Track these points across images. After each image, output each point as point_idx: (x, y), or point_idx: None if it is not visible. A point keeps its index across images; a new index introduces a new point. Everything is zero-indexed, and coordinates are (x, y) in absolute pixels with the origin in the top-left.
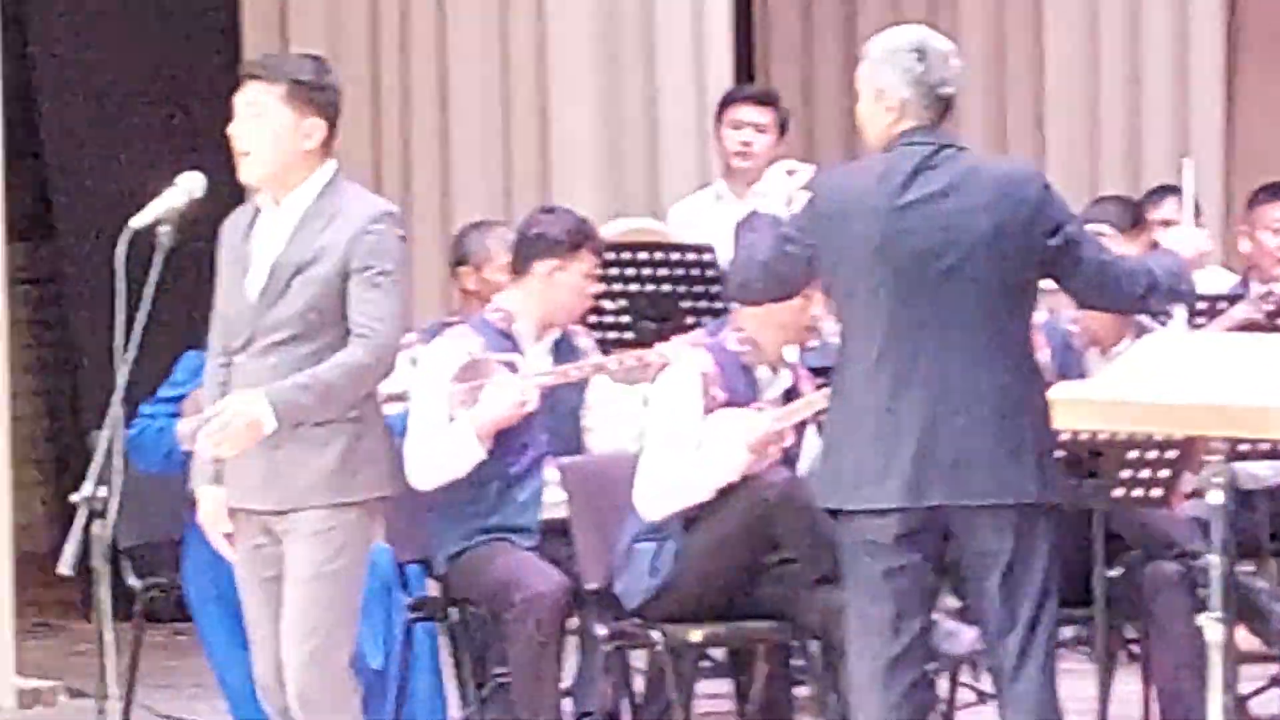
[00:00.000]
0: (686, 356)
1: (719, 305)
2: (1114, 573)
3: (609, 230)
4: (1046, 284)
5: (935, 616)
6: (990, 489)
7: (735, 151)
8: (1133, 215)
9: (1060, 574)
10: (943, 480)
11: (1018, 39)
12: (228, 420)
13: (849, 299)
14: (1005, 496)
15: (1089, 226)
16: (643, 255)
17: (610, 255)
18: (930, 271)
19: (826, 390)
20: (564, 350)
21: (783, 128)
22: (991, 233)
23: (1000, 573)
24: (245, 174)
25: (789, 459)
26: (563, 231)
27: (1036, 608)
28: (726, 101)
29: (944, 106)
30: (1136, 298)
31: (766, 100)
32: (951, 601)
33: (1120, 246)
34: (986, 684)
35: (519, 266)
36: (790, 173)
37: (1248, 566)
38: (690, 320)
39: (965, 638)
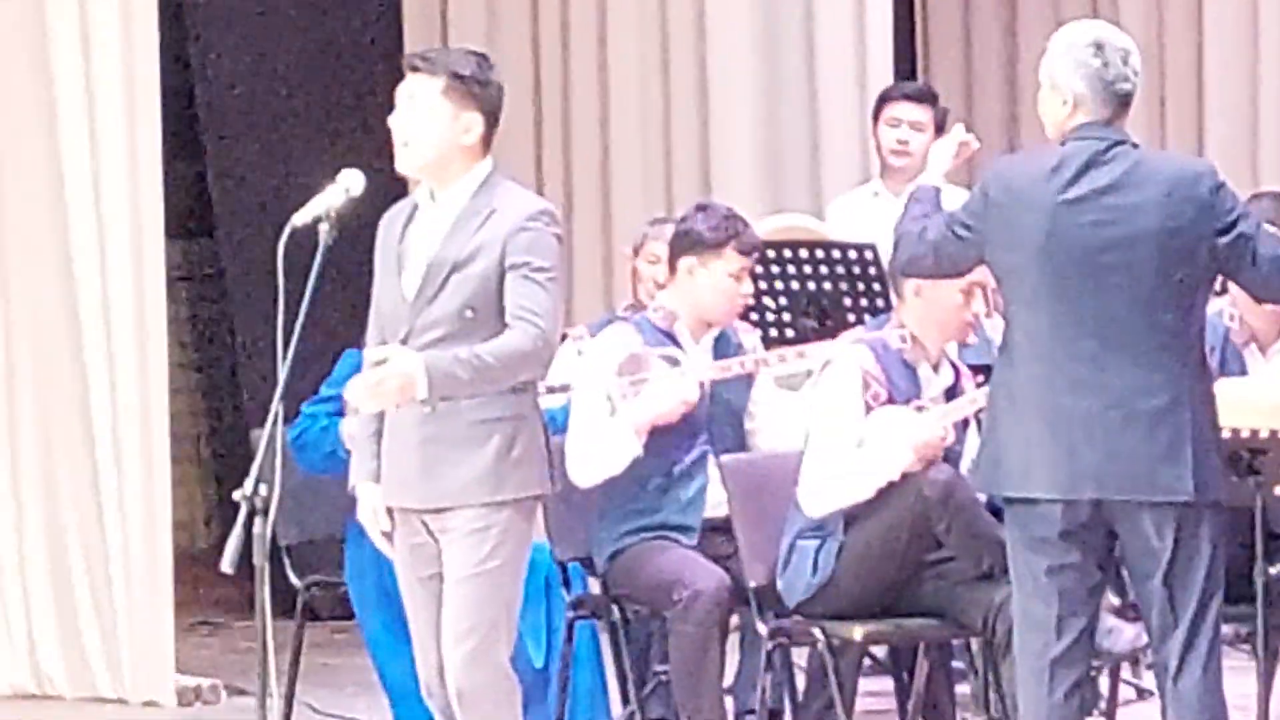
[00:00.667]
0: (848, 354)
1: (880, 304)
2: (1275, 570)
3: (764, 225)
4: None
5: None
6: (1143, 486)
7: (892, 149)
8: None
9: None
10: (1096, 474)
11: (1177, 35)
12: (383, 376)
13: (1015, 289)
14: (1158, 494)
15: None
16: (804, 254)
17: (772, 254)
18: (1095, 266)
19: (987, 388)
20: (725, 348)
21: (940, 126)
22: (1159, 230)
23: (1162, 571)
24: (402, 164)
25: (950, 457)
26: (706, 229)
27: (1200, 607)
28: (884, 98)
29: (1120, 103)
30: None
31: (924, 98)
32: (1112, 598)
33: None
34: (1147, 681)
35: (672, 263)
36: (962, 144)
37: None
38: (851, 319)
39: (1126, 635)
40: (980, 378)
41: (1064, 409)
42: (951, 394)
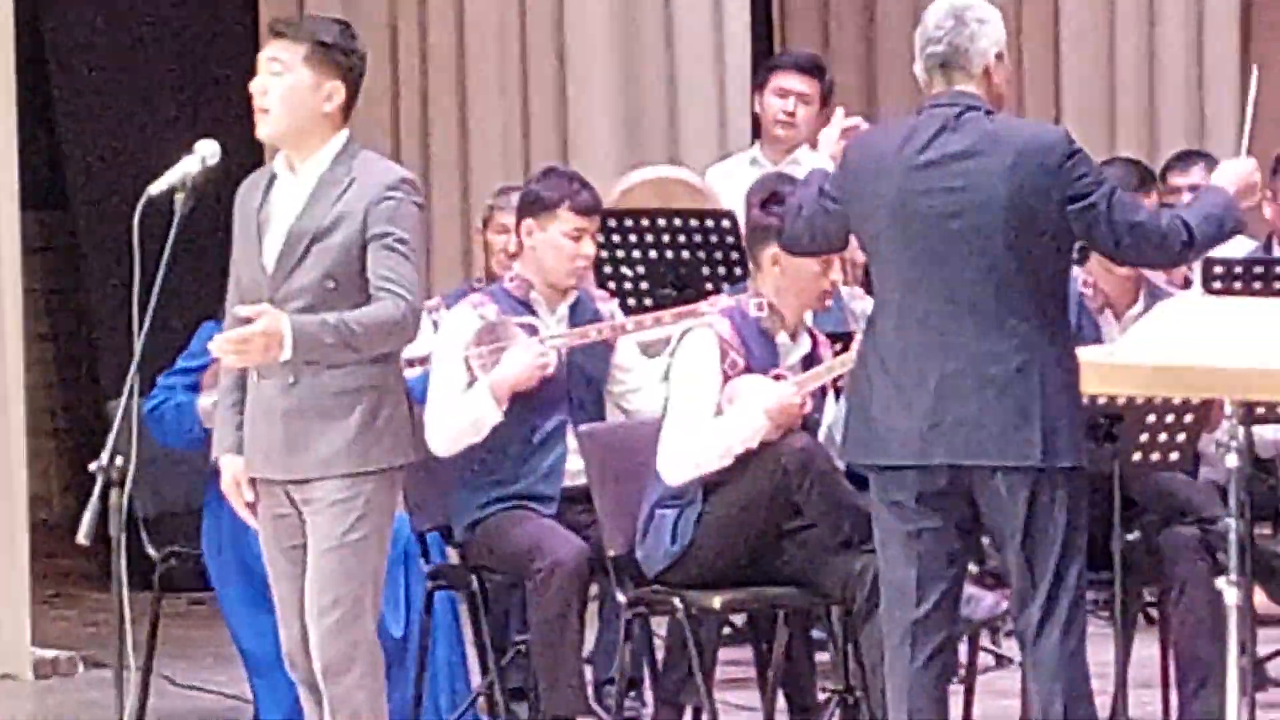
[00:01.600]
0: (706, 322)
1: (739, 272)
2: (1132, 537)
3: (640, 175)
4: None
5: None
6: (993, 451)
7: (778, 119)
8: (1139, 175)
9: None
10: (948, 440)
11: (1035, 4)
12: (249, 334)
13: (875, 256)
14: (1008, 459)
15: None
16: (662, 222)
17: (630, 222)
18: (944, 232)
19: (845, 355)
20: (582, 315)
21: (825, 96)
22: (1006, 196)
23: (1019, 537)
24: (262, 131)
25: (809, 425)
26: (543, 189)
27: (1057, 572)
28: (773, 67)
29: (943, 67)
30: (1175, 253)
31: (813, 70)
32: (971, 567)
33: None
34: (1007, 648)
35: (517, 229)
36: (846, 129)
37: (1265, 530)
38: (710, 287)
39: (985, 603)
40: (838, 345)
41: (917, 374)
42: (809, 362)
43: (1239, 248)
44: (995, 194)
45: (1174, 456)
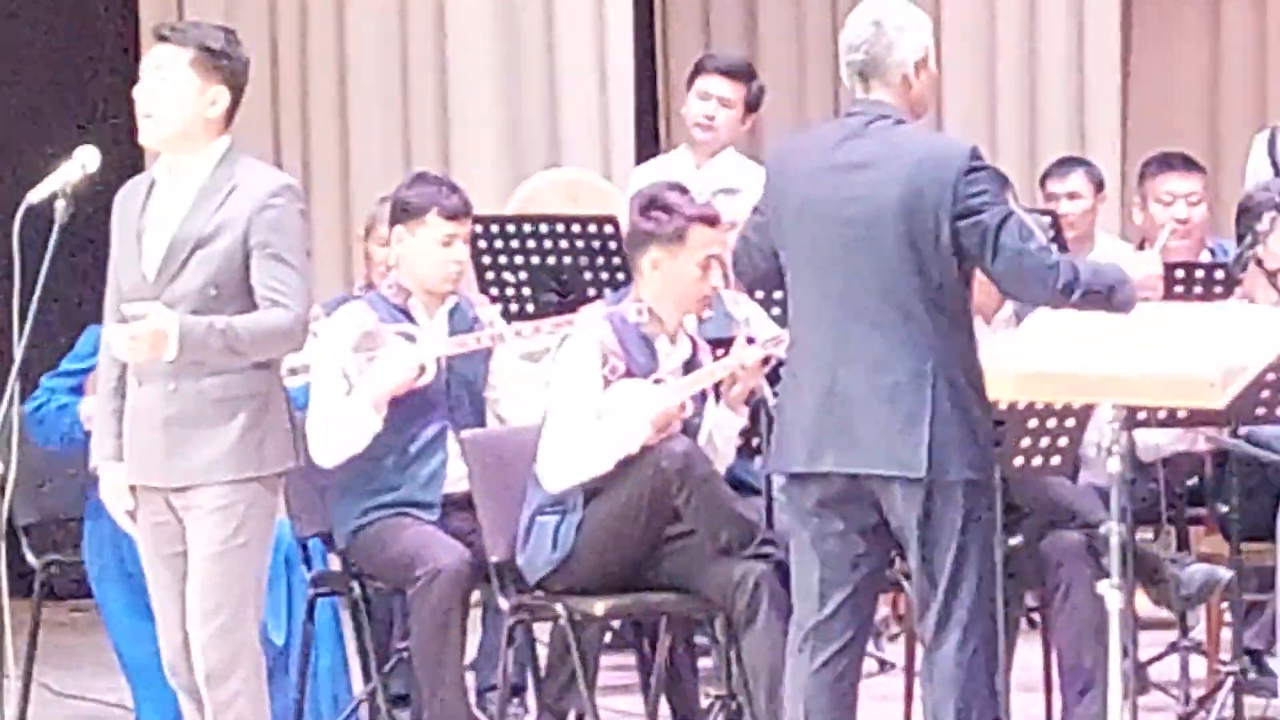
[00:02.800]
0: (587, 328)
1: (621, 277)
2: (1015, 541)
3: (548, 177)
4: None
5: None
6: (879, 460)
7: (697, 123)
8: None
9: None
10: (836, 447)
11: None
12: (138, 330)
13: (787, 261)
14: (894, 469)
15: None
16: (544, 228)
17: (512, 228)
18: (844, 239)
19: (725, 360)
20: (461, 321)
21: (752, 104)
22: (900, 206)
23: (915, 546)
24: (145, 136)
25: (689, 429)
26: (411, 195)
27: (952, 581)
28: (698, 69)
29: (861, 75)
30: (1052, 292)
31: (738, 74)
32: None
33: None
34: (890, 653)
35: (392, 237)
36: None
37: (1145, 535)
38: (593, 292)
39: None
40: (720, 350)
41: (816, 381)
42: (689, 367)
43: (1109, 254)
44: (889, 203)
45: (1055, 461)
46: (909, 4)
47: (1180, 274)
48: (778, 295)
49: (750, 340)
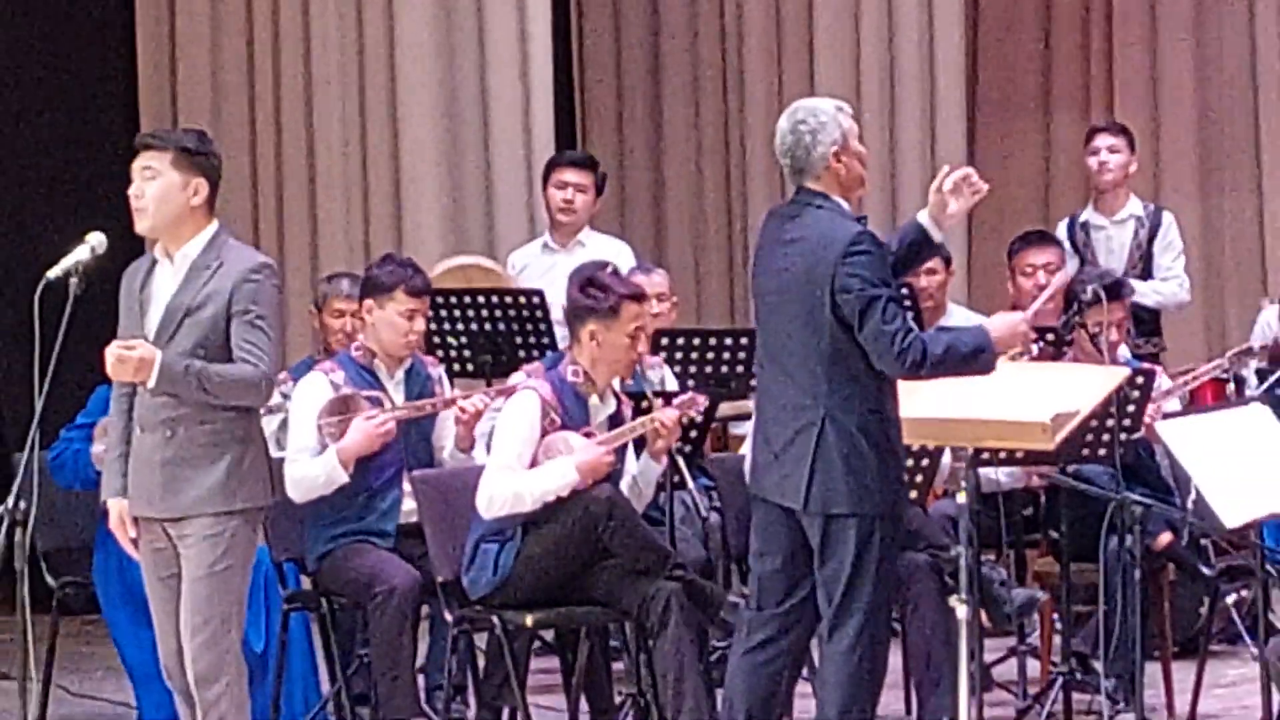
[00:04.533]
0: (530, 385)
1: (546, 342)
2: None
3: (448, 263)
4: None
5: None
6: (772, 489)
7: (559, 208)
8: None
9: None
10: (759, 477)
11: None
12: (128, 354)
13: (757, 314)
14: (778, 497)
15: None
16: (481, 299)
17: (454, 299)
18: (774, 302)
19: (644, 417)
20: (416, 378)
21: (599, 187)
22: (803, 278)
23: (818, 562)
24: (140, 226)
25: (613, 476)
26: (382, 274)
27: (845, 596)
28: (552, 164)
29: (794, 173)
30: (903, 368)
31: (586, 165)
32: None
33: None
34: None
35: (360, 308)
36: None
37: (988, 558)
38: (522, 355)
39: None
40: (645, 404)
41: (758, 420)
42: (615, 421)
43: (962, 319)
44: (799, 275)
45: (911, 494)
46: (820, 101)
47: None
48: None
49: (667, 401)
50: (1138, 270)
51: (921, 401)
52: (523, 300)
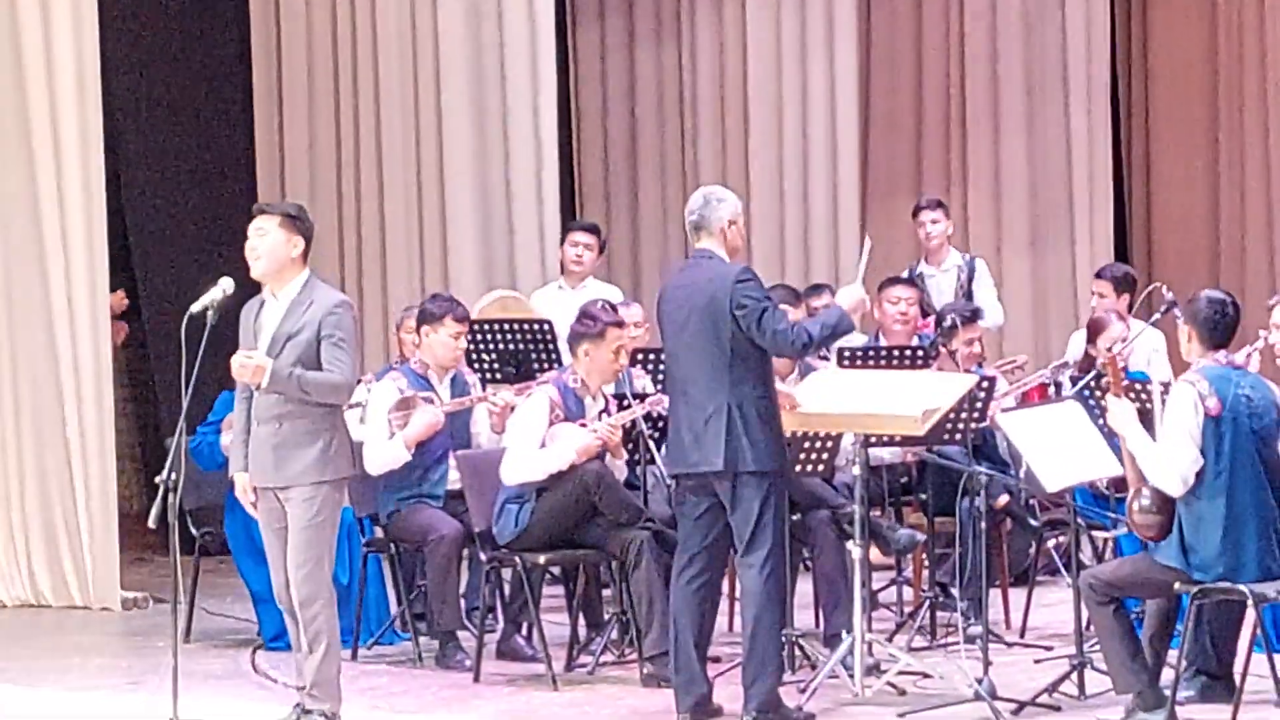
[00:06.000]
0: (542, 389)
1: (554, 358)
2: (795, 518)
3: (490, 297)
4: None
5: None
6: (696, 460)
7: (572, 261)
8: (793, 294)
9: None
10: (685, 456)
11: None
12: (247, 362)
13: (665, 343)
14: (700, 467)
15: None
16: (505, 327)
17: (486, 326)
18: (682, 326)
19: (624, 413)
20: (459, 383)
21: (602, 248)
22: (705, 305)
23: (729, 510)
24: (255, 272)
25: (601, 455)
26: (434, 308)
27: (753, 536)
28: (567, 229)
29: (695, 229)
30: (798, 350)
31: (592, 230)
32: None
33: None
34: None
35: (418, 331)
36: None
37: (876, 513)
38: (536, 368)
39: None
40: (627, 403)
41: (673, 414)
42: (603, 415)
43: (858, 340)
44: (698, 306)
45: (820, 467)
46: (726, 189)
47: (898, 353)
48: None
49: (641, 401)
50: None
51: (828, 400)
52: (537, 328)
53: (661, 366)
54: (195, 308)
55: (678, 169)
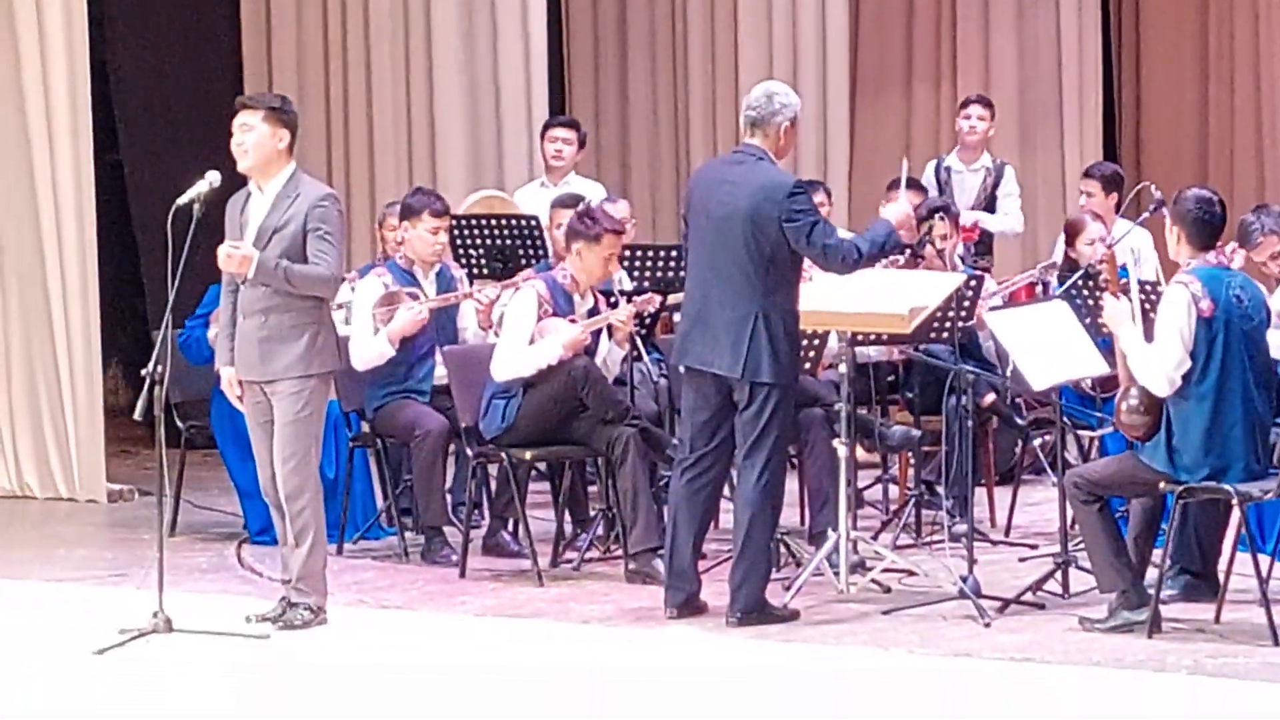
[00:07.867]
0: (530, 284)
1: (539, 254)
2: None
3: (476, 196)
4: None
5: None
6: (714, 363)
7: (552, 157)
8: (823, 189)
9: None
10: (698, 354)
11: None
12: (233, 251)
13: (689, 238)
14: (714, 367)
15: None
16: (492, 222)
17: (472, 221)
18: (715, 226)
19: (613, 311)
20: (444, 278)
21: (582, 142)
22: (748, 211)
23: (740, 415)
24: (241, 166)
25: (589, 351)
26: (413, 201)
27: (756, 441)
28: (547, 126)
29: (751, 124)
30: (849, 266)
31: (570, 125)
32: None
33: None
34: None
35: (400, 226)
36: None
37: (863, 410)
38: (524, 263)
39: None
40: (613, 301)
41: (693, 311)
42: (593, 313)
43: None
44: (742, 208)
45: (805, 365)
46: (789, 88)
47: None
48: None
49: (630, 300)
50: (983, 206)
51: (817, 298)
52: (523, 223)
53: (648, 263)
54: (182, 200)
55: (667, 65)
